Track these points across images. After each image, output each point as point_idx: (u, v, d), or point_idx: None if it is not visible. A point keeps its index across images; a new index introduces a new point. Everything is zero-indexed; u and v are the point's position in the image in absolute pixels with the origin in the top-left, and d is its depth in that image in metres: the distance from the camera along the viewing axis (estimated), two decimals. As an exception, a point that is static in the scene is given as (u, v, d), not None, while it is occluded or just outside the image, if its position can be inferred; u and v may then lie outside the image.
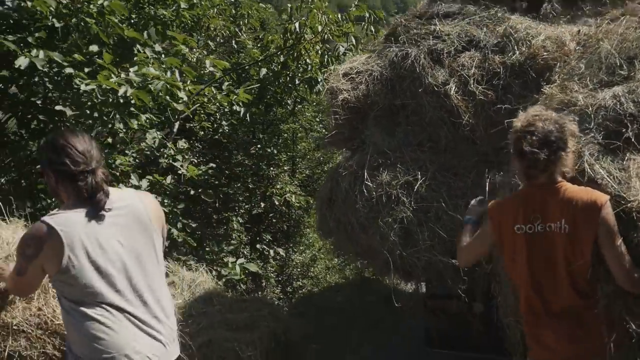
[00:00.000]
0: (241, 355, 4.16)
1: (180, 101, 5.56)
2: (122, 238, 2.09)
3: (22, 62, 4.19)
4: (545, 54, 3.63)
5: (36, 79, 4.85)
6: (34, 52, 4.31)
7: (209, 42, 7.75)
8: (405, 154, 3.95)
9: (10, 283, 2.21)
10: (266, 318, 4.58)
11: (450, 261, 3.47)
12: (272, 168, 8.68)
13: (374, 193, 3.80)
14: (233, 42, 7.83)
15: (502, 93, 3.73)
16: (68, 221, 2.00)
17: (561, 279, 2.22)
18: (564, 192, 2.23)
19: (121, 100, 4.83)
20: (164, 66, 5.67)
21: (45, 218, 2.01)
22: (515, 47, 3.79)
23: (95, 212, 2.03)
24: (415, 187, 3.70)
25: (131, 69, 4.99)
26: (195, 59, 7.01)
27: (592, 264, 2.19)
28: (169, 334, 2.19)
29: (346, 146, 4.44)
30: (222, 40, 8.01)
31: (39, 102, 5.11)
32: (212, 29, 7.98)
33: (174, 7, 6.54)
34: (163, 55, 5.69)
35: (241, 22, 8.21)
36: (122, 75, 4.84)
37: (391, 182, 3.79)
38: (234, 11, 8.23)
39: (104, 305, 1.99)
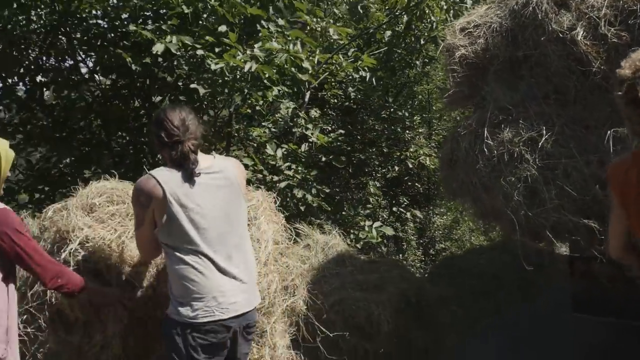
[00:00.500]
0: (370, 314, 4.32)
1: (305, 72, 5.77)
2: (213, 198, 2.37)
3: (158, 48, 4.67)
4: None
5: (175, 63, 5.34)
6: (168, 38, 4.76)
7: (335, 10, 7.83)
8: (528, 109, 3.72)
9: (137, 245, 2.55)
10: (395, 279, 4.68)
11: (582, 221, 3.26)
12: (407, 131, 8.62)
13: (495, 152, 3.65)
14: (359, 7, 7.82)
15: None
16: (168, 178, 2.32)
17: None
18: None
19: (248, 77, 5.17)
20: (289, 39, 5.90)
21: (153, 173, 2.36)
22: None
23: (187, 175, 2.33)
24: (540, 143, 3.49)
25: (256, 45, 5.28)
26: (320, 28, 7.16)
27: None
28: (250, 283, 2.49)
29: (466, 104, 4.30)
30: (347, 7, 8.04)
31: (180, 83, 5.64)
32: (337, -5, 8.06)
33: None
34: (286, 29, 5.91)
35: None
36: (248, 52, 5.14)
37: (513, 139, 3.61)
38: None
39: (196, 253, 2.29)
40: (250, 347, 2.59)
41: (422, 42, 6.54)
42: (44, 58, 6.32)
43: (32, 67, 6.26)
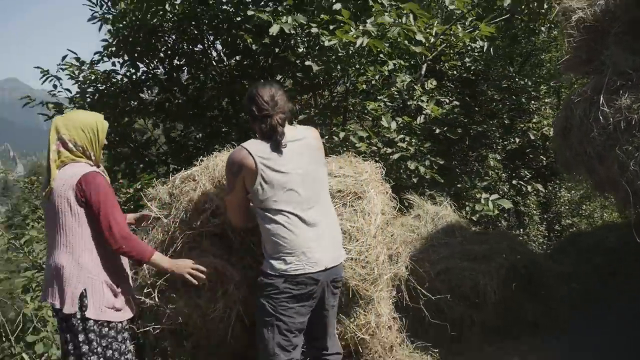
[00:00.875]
0: (477, 284, 4.34)
1: (418, 44, 5.76)
2: (298, 162, 2.60)
3: (274, 29, 4.97)
4: None
5: (292, 42, 5.62)
6: (283, 19, 5.04)
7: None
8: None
9: (228, 209, 2.81)
10: (505, 251, 4.63)
11: None
12: (532, 102, 8.23)
13: (612, 119, 3.47)
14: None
15: None
16: (258, 148, 2.57)
17: None
18: None
19: (362, 52, 5.29)
20: (404, 12, 5.92)
21: (244, 144, 2.62)
22: None
23: (276, 145, 2.57)
24: (664, 108, 3.26)
25: (368, 20, 5.38)
26: (438, -1, 7.06)
27: None
28: (336, 240, 2.70)
29: (584, 70, 4.07)
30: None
31: (297, 61, 5.93)
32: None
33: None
34: (400, 2, 5.91)
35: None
36: (360, 28, 5.26)
37: (632, 105, 3.40)
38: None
39: (285, 213, 2.54)
40: (337, 300, 2.77)
41: (545, 5, 6.17)
42: (179, 44, 6.96)
43: (169, 52, 6.94)
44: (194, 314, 2.82)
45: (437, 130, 6.47)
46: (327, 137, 5.90)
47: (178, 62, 7.07)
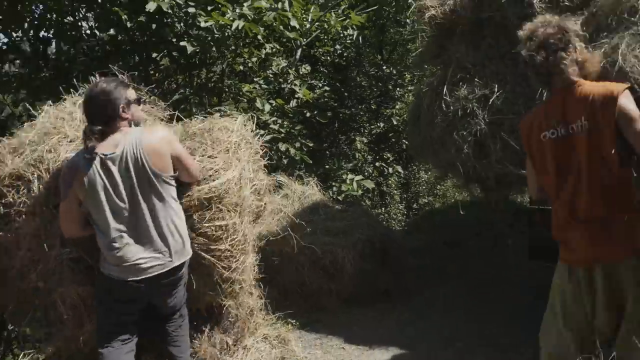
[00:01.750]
0: (336, 257, 4.69)
1: (293, 30, 5.98)
2: (122, 180, 2.49)
3: (150, 6, 4.88)
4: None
5: (168, 20, 5.55)
6: (160, -5, 4.96)
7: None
8: (486, 68, 3.95)
9: (61, 215, 2.63)
10: (362, 226, 5.02)
11: (521, 172, 3.53)
12: (398, 89, 8.82)
13: (452, 107, 3.91)
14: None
15: (591, -3, 3.53)
16: (84, 162, 2.46)
17: (587, 184, 2.23)
18: (580, 90, 2.23)
19: (240, 34, 5.36)
20: (284, -4, 6.08)
21: (74, 157, 2.55)
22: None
23: (90, 157, 2.45)
24: (491, 100, 3.74)
25: (245, 4, 5.47)
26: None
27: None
28: (163, 251, 2.59)
29: (435, 63, 4.52)
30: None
31: (174, 40, 5.86)
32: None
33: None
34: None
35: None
36: (237, 10, 5.35)
37: (468, 96, 3.86)
38: None
39: (110, 229, 2.50)
40: (170, 301, 2.74)
41: (409, 1, 6.67)
42: (46, 14, 6.52)
43: (36, 22, 6.48)
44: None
45: (308, 114, 6.75)
46: (203, 117, 5.91)
47: (45, 34, 6.62)
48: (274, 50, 6.91)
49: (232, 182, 2.87)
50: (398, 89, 8.71)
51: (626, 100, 2.14)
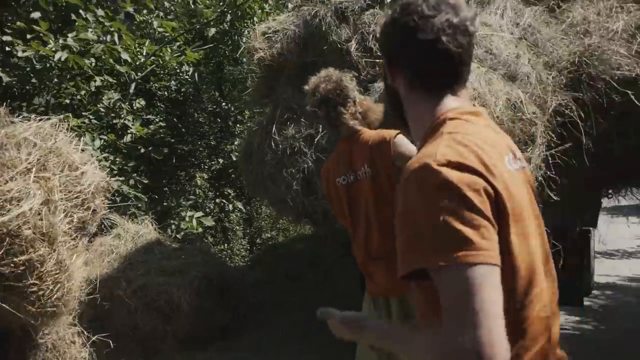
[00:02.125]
0: (171, 296, 4.57)
1: (124, 64, 5.82)
2: None
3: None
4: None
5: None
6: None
7: (166, 2, 7.89)
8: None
9: None
10: (199, 264, 4.97)
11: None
12: (238, 125, 8.93)
13: (280, 146, 4.09)
14: (190, 1, 7.97)
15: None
16: None
17: (376, 224, 2.45)
18: (361, 138, 2.48)
19: (64, 66, 5.10)
20: (112, 29, 5.91)
21: None
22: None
23: None
24: (316, 140, 3.98)
25: (70, 35, 5.23)
26: (149, 20, 7.20)
27: None
28: None
29: (264, 103, 4.70)
30: (180, 1, 8.14)
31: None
32: (170, -11, 8.11)
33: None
34: (107, 20, 5.90)
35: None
36: (60, 41, 5.08)
37: (295, 135, 4.07)
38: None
39: None
40: None
41: (244, 40, 6.86)
42: None
43: None
44: None
45: (143, 150, 6.55)
46: None
47: None
48: (105, 83, 6.65)
49: (32, 213, 2.63)
50: (238, 125, 8.83)
51: (399, 142, 2.38)
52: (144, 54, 7.00)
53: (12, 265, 2.53)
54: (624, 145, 3.61)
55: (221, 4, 7.37)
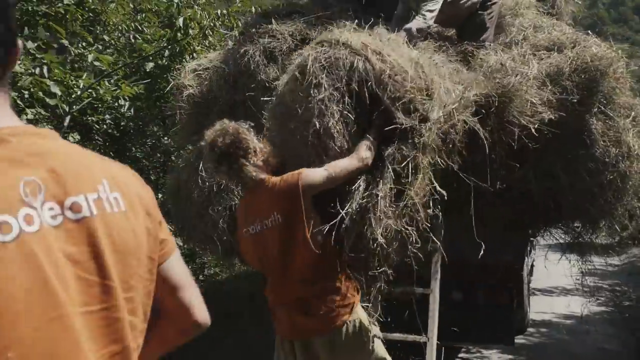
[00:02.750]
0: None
1: (53, 96, 5.69)
2: None
3: None
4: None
5: None
6: None
7: (105, 36, 7.82)
8: (239, 146, 4.20)
9: None
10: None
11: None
12: (179, 159, 8.82)
13: (207, 183, 4.05)
14: (131, 36, 7.94)
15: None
16: None
17: (287, 272, 2.48)
18: (267, 186, 2.49)
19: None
20: (44, 61, 5.78)
21: None
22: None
23: None
24: (243, 176, 3.96)
25: (-5, 67, 5.08)
26: (87, 53, 7.10)
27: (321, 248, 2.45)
28: None
29: (193, 140, 4.67)
30: (119, 35, 8.09)
31: None
32: (110, 23, 8.06)
33: (58, 4, 6.62)
34: (38, 52, 5.78)
35: (139, 17, 8.31)
36: (-15, 73, 4.93)
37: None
38: (132, 5, 8.33)
39: None
40: None
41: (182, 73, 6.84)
42: None
43: None
44: None
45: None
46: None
47: None
48: (37, 116, 6.47)
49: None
50: (180, 159, 8.71)
51: (306, 178, 2.44)
52: (81, 87, 6.87)
53: None
54: (541, 186, 3.74)
55: (162, 39, 7.35)
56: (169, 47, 6.97)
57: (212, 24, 6.81)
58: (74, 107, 6.88)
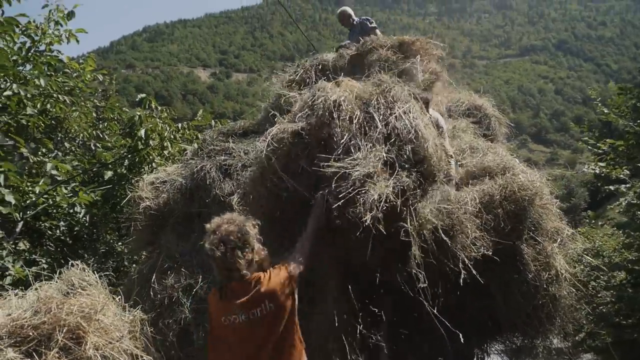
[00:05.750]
0: None
1: (7, 205, 5.70)
2: None
3: None
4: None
5: None
6: None
7: (66, 143, 7.98)
8: (193, 258, 4.28)
9: None
10: None
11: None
12: (134, 265, 8.71)
13: (159, 295, 4.08)
14: (91, 144, 8.12)
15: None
16: None
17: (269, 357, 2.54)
18: (259, 281, 2.59)
19: None
20: (2, 169, 5.84)
21: None
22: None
23: None
24: (195, 289, 4.02)
25: (-52, 176, 5.13)
26: (46, 160, 7.20)
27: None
28: None
29: (147, 250, 4.74)
30: (81, 142, 8.26)
31: None
32: (72, 131, 8.25)
33: (22, 113, 6.81)
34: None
35: (101, 126, 8.56)
36: (-63, 182, 4.97)
37: (174, 284, 4.09)
38: (95, 114, 8.60)
39: None
40: None
41: (140, 185, 6.98)
42: None
43: None
44: None
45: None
46: None
47: None
48: (-15, 221, 6.42)
49: None
50: (134, 265, 8.61)
51: (292, 267, 2.63)
52: (37, 192, 6.89)
53: None
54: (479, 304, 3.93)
55: (122, 148, 7.56)
56: (129, 156, 7.15)
57: (172, 136, 7.08)
58: (28, 212, 6.86)
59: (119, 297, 2.44)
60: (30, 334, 2.08)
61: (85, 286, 2.37)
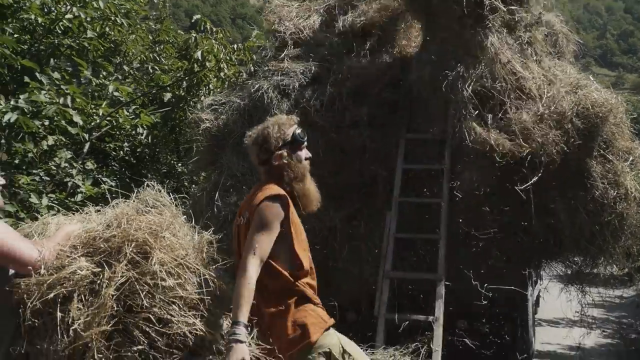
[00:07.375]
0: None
1: (75, 125, 5.96)
2: None
3: None
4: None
5: None
6: None
7: (125, 66, 8.14)
8: (253, 177, 4.40)
9: None
10: None
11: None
12: (194, 185, 9.05)
13: (222, 212, 4.25)
14: (149, 67, 8.24)
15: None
16: None
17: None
18: (258, 189, 2.43)
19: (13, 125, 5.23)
20: (68, 92, 6.07)
21: None
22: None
23: None
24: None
25: (21, 96, 5.37)
26: (107, 83, 7.40)
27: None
28: None
29: (209, 169, 4.89)
30: (138, 65, 8.40)
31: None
32: (130, 54, 8.39)
33: (82, 37, 6.96)
34: (63, 83, 6.08)
35: (157, 49, 8.64)
36: (12, 102, 5.22)
37: (237, 202, 4.24)
38: (151, 37, 8.67)
39: None
40: None
41: (199, 107, 7.11)
42: None
43: None
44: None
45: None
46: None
47: None
48: (57, 142, 6.74)
49: None
50: (193, 185, 8.94)
51: (264, 208, 2.31)
52: (100, 115, 7.16)
53: None
54: (542, 223, 3.91)
55: (179, 71, 7.65)
56: (187, 78, 7.25)
57: (227, 57, 7.09)
58: (93, 134, 7.16)
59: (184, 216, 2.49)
60: (102, 245, 2.19)
61: (159, 206, 2.46)
